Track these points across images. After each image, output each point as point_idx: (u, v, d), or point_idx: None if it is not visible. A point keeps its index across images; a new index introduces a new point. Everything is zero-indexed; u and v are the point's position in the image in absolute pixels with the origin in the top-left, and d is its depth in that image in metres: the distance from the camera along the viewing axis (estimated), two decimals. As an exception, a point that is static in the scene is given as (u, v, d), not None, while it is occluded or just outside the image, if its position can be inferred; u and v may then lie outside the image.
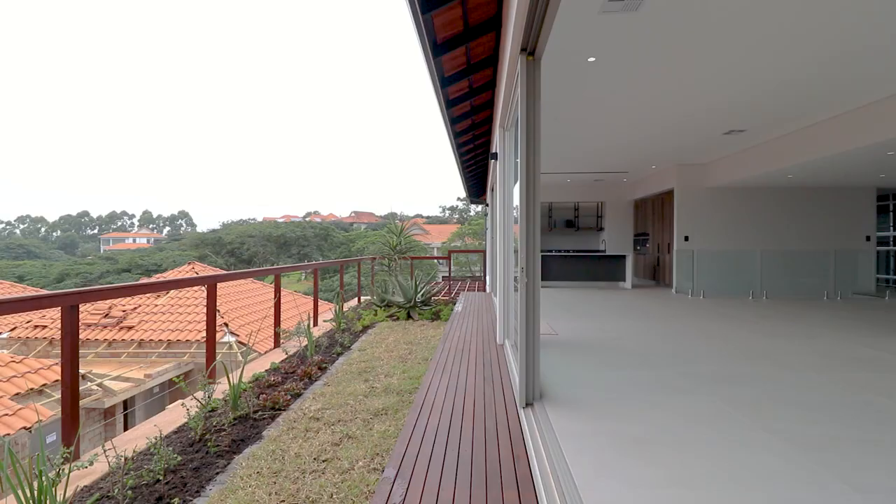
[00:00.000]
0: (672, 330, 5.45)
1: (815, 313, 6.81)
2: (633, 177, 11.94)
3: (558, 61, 4.61)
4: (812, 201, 9.95)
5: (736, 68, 4.80)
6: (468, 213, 47.77)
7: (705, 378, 3.44)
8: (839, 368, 3.73)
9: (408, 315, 7.62)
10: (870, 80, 5.11)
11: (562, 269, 11.21)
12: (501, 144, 5.06)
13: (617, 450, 2.21)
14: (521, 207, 2.80)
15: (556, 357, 4.08)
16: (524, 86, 2.86)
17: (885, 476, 1.97)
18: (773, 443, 2.31)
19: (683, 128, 7.15)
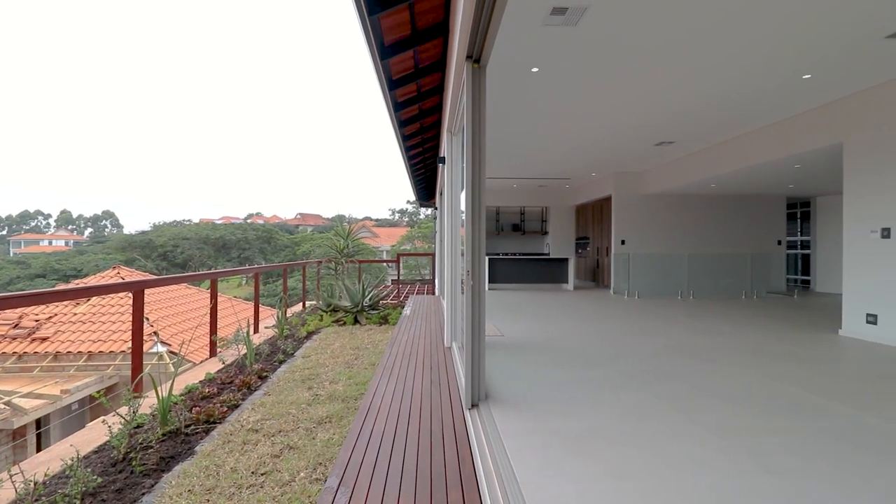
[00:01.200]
0: (610, 329, 5.74)
1: (735, 311, 7.44)
2: (574, 183, 12.47)
3: (504, 69, 4.74)
4: (732, 209, 10.88)
5: (663, 87, 5.17)
6: (418, 216, 47.71)
7: (640, 374, 3.65)
8: (757, 362, 4.09)
9: (355, 320, 7.48)
10: (776, 103, 5.68)
11: (509, 271, 11.47)
12: (449, 149, 5.11)
13: (558, 446, 2.29)
14: (468, 211, 2.84)
15: (502, 358, 4.17)
16: (470, 92, 2.91)
17: (794, 459, 2.18)
18: (700, 433, 2.49)
19: (619, 138, 7.57)
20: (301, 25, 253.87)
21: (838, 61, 4.51)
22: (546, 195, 13.91)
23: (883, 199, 5.01)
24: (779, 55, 4.39)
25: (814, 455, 2.22)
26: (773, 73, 4.85)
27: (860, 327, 5.23)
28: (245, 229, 37.85)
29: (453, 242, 4.75)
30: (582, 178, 11.71)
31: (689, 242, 10.69)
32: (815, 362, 4.08)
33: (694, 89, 5.32)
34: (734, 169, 7.61)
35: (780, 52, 4.33)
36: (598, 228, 12.36)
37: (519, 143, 8.00)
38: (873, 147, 5.14)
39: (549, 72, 4.81)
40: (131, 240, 35.94)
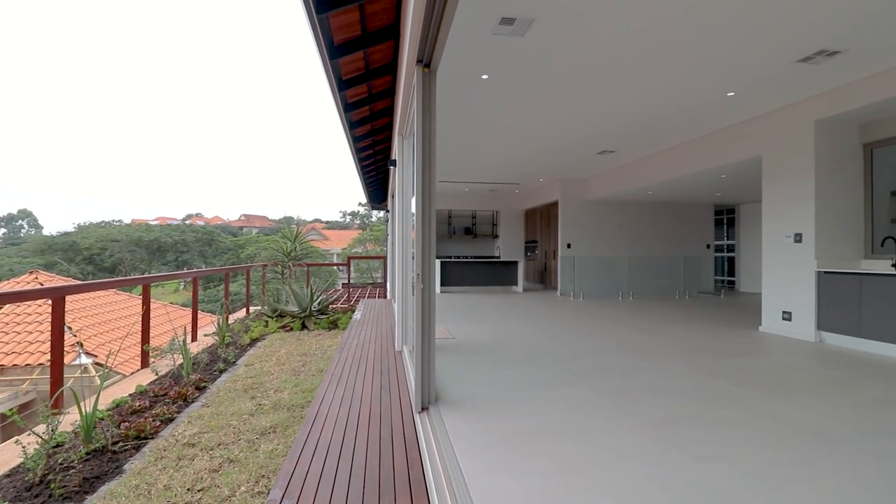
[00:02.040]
0: (557, 329, 5.94)
1: (669, 310, 7.94)
2: (524, 188, 12.82)
3: (455, 75, 4.80)
4: (667, 215, 11.63)
5: (604, 100, 5.44)
6: (370, 218, 47.04)
7: (584, 371, 3.81)
8: (688, 357, 4.39)
9: (303, 325, 7.26)
10: (705, 117, 6.15)
11: (461, 274, 11.58)
12: (400, 152, 5.10)
13: (506, 444, 2.34)
14: (418, 214, 2.85)
15: (453, 360, 4.20)
16: (420, 96, 2.93)
17: (719, 447, 2.36)
18: (637, 425, 2.63)
19: (565, 146, 7.88)
20: (249, 22, 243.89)
21: (758, 81, 4.95)
22: (497, 199, 14.20)
23: (795, 207, 5.55)
24: (707, 74, 4.76)
25: (735, 442, 2.41)
26: (702, 90, 5.24)
27: (777, 323, 5.75)
28: (183, 231, 35.63)
29: (405, 245, 4.73)
30: (531, 184, 12.06)
31: (629, 246, 11.31)
32: (738, 356, 4.44)
33: (632, 103, 5.64)
34: (669, 178, 8.14)
35: (709, 71, 4.69)
36: (546, 232, 12.77)
37: (470, 148, 8.12)
38: (786, 160, 5.69)
39: (498, 80, 4.93)
40: (52, 241, 32.76)
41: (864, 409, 2.92)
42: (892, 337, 4.48)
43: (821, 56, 4.28)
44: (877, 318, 4.62)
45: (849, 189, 5.41)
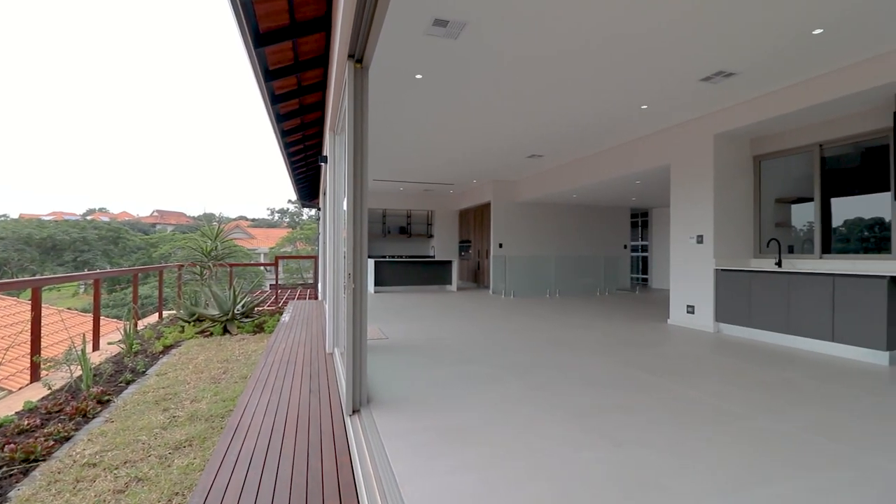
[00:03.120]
0: (488, 327, 6.10)
1: (591, 306, 8.47)
2: (458, 189, 13.01)
3: (389, 73, 4.76)
4: (590, 217, 12.39)
5: (532, 107, 5.68)
6: (300, 216, 45.15)
7: (514, 366, 3.94)
8: (607, 349, 4.70)
9: (224, 330, 6.82)
10: (623, 127, 6.63)
11: (395, 274, 11.50)
12: (332, 148, 4.95)
13: (438, 442, 2.36)
14: (349, 213, 2.79)
15: (386, 360, 4.16)
16: (352, 92, 2.86)
17: (636, 431, 2.55)
18: (561, 415, 2.77)
19: (496, 149, 8.12)
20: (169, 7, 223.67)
21: (667, 97, 5.43)
22: (432, 199, 14.28)
23: (697, 211, 6.16)
24: (624, 89, 5.13)
25: (647, 425, 2.62)
26: (620, 103, 5.65)
27: (683, 316, 6.35)
28: (84, 228, 31.85)
29: (336, 244, 4.61)
30: (465, 185, 12.27)
31: (556, 246, 11.90)
32: (649, 347, 4.84)
33: (558, 113, 5.94)
34: (591, 182, 8.68)
35: (625, 87, 5.07)
36: (479, 232, 13.06)
37: (405, 148, 8.09)
38: (690, 169, 6.29)
39: (432, 80, 4.96)
40: (-88, 239, 27.83)
41: (754, 391, 3.31)
42: (775, 326, 5.12)
43: (719, 76, 4.79)
44: (763, 310, 5.26)
45: (741, 196, 6.11)
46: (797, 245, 5.76)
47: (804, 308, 4.81)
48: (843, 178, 5.30)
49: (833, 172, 5.38)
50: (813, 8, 3.47)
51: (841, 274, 4.49)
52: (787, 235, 5.90)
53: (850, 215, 5.25)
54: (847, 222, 5.28)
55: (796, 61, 4.41)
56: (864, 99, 4.58)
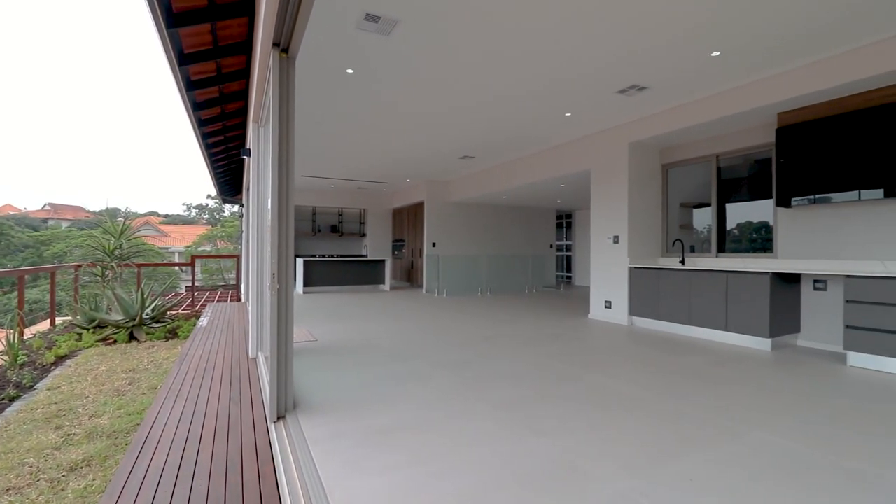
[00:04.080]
0: (421, 325, 6.12)
1: (519, 303, 8.80)
2: (391, 187, 12.90)
3: (320, 65, 4.60)
4: (519, 217, 12.86)
5: (463, 108, 5.78)
6: (222, 213, 42.19)
7: (445, 364, 3.99)
8: (533, 343, 4.91)
9: (131, 336, 6.20)
10: (549, 133, 6.96)
11: (326, 273, 11.16)
12: (256, 141, 4.69)
13: (367, 443, 2.32)
14: (274, 209, 2.65)
15: (315, 363, 4.02)
16: (277, 82, 2.73)
17: (558, 420, 2.69)
18: (488, 409, 2.85)
19: (430, 149, 8.16)
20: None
21: (589, 106, 5.78)
22: (365, 197, 14.03)
23: (614, 213, 6.63)
24: (549, 96, 5.39)
25: (568, 414, 2.78)
26: (546, 110, 5.92)
27: (602, 311, 6.80)
28: (-47, 222, 27.30)
29: (261, 242, 4.37)
30: (398, 183, 12.20)
31: (488, 245, 12.21)
32: (571, 340, 5.13)
33: (488, 116, 6.10)
34: (520, 184, 9.02)
35: (550, 95, 5.32)
36: (413, 231, 13.06)
37: (336, 144, 7.86)
38: (608, 174, 6.76)
39: (364, 76, 4.87)
40: None
41: (661, 378, 3.63)
42: (679, 318, 5.65)
43: (633, 90, 5.19)
44: (669, 304, 5.78)
45: (652, 200, 6.67)
46: (698, 245, 6.41)
47: (703, 301, 5.37)
48: (735, 186, 5.98)
49: (727, 181, 6.05)
50: (711, 33, 3.88)
51: (732, 271, 5.07)
52: (689, 236, 6.54)
53: (741, 219, 5.93)
54: (739, 225, 5.96)
55: (697, 80, 4.90)
56: (752, 116, 5.19)
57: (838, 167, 4.47)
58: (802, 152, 4.75)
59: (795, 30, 3.81)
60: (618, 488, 1.93)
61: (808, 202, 4.72)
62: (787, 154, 4.88)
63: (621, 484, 1.96)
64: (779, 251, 5.26)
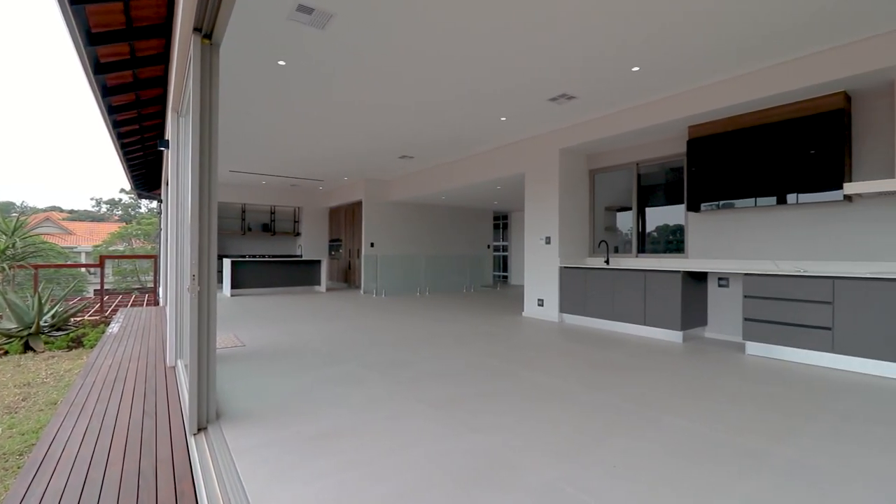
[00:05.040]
0: (358, 327, 6.01)
1: (457, 302, 8.92)
2: (328, 185, 12.54)
3: (250, 54, 4.36)
4: (458, 218, 13.03)
5: (400, 107, 5.75)
6: (137, 209, 38.65)
7: (381, 365, 3.94)
8: (470, 341, 5.00)
9: (26, 347, 5.51)
10: (485, 136, 7.13)
11: (257, 275, 10.61)
12: (175, 131, 4.36)
13: (298, 451, 2.24)
14: (194, 205, 2.48)
15: (243, 369, 3.81)
16: (198, 71, 2.55)
17: (491, 416, 2.76)
18: (423, 409, 2.86)
19: (367, 147, 8.03)
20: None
21: (522, 112, 5.99)
22: (300, 195, 13.52)
23: (546, 215, 6.92)
24: (485, 101, 5.51)
25: (502, 410, 2.86)
26: (482, 114, 6.05)
27: (535, 309, 7.07)
28: None
29: (181, 241, 4.06)
30: (335, 182, 11.88)
31: (426, 245, 12.25)
32: (506, 338, 5.29)
33: (425, 118, 6.12)
34: (458, 185, 9.14)
35: (485, 99, 5.44)
36: (350, 231, 12.79)
37: (269, 139, 7.50)
38: (541, 178, 7.05)
39: (297, 70, 4.69)
40: None
41: (587, 371, 3.85)
42: (604, 314, 6.02)
43: (563, 98, 5.46)
44: (595, 301, 6.14)
45: (580, 203, 7.05)
46: (621, 246, 6.86)
47: (625, 298, 5.76)
48: (653, 191, 6.47)
49: (646, 187, 6.54)
50: (632, 50, 4.17)
51: (650, 270, 5.49)
52: (613, 238, 6.99)
53: (659, 222, 6.43)
54: (658, 228, 6.46)
55: (620, 92, 5.25)
56: (667, 128, 5.65)
57: (739, 177, 4.99)
58: (710, 162, 5.25)
59: (703, 52, 4.20)
60: (546, 478, 2.01)
61: (715, 207, 5.23)
62: (696, 164, 5.37)
63: (549, 473, 2.05)
64: (689, 252, 5.78)
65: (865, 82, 4.14)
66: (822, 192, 4.37)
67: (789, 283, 4.27)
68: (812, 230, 4.70)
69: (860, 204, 4.38)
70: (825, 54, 4.14)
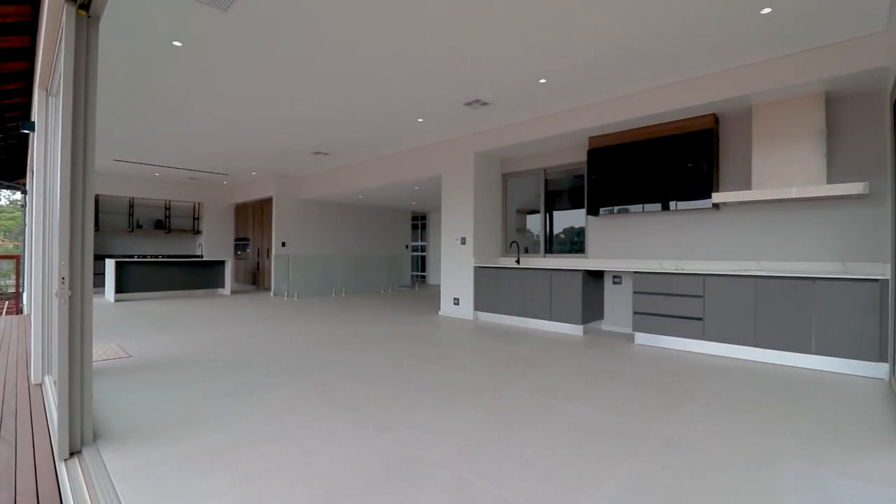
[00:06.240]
0: (266, 331, 5.67)
1: (375, 303, 8.81)
2: (233, 180, 11.69)
3: (140, 31, 3.91)
4: (376, 218, 12.87)
5: (313, 106, 5.56)
6: (-7, 201, 32.71)
7: (291, 370, 3.77)
8: (386, 342, 4.96)
9: None
10: (403, 137, 7.13)
11: (149, 277, 9.56)
12: (44, 112, 3.78)
13: (195, 467, 2.06)
14: (65, 198, 2.17)
15: (129, 383, 3.41)
16: (72, 46, 2.24)
17: (405, 415, 2.76)
18: (336, 411, 2.79)
19: (278, 141, 7.62)
20: None
21: (438, 114, 6.08)
22: (200, 190, 12.43)
23: (462, 216, 7.11)
24: (402, 101, 5.51)
25: (415, 409, 2.88)
26: (400, 114, 6.04)
27: (451, 308, 7.22)
28: None
29: (49, 239, 3.53)
30: (242, 176, 11.10)
31: (343, 245, 11.92)
32: (421, 337, 5.34)
33: (339, 115, 5.96)
34: (376, 185, 9.03)
35: (403, 100, 5.44)
36: (259, 229, 12.03)
37: (162, 126, 6.79)
38: (457, 180, 7.22)
39: (196, 52, 4.31)
40: None
41: (498, 366, 4.02)
42: (515, 311, 6.33)
43: (477, 104, 5.64)
44: (507, 299, 6.43)
45: (494, 205, 7.34)
46: (531, 247, 7.27)
47: (533, 296, 6.11)
48: (559, 196, 6.94)
49: (553, 192, 6.99)
50: (539, 62, 4.43)
51: (555, 269, 5.88)
52: (524, 239, 7.38)
53: (566, 224, 6.91)
54: (564, 230, 6.93)
55: (529, 102, 5.56)
56: (571, 138, 6.10)
57: (631, 185, 5.54)
58: (607, 171, 5.76)
59: (602, 70, 4.60)
60: (456, 472, 2.07)
61: (611, 212, 5.75)
62: (596, 172, 5.86)
63: (459, 467, 2.11)
64: (589, 252, 6.29)
65: (730, 106, 4.82)
66: (696, 200, 5.01)
67: (670, 280, 4.84)
68: (689, 233, 5.36)
69: (726, 211, 5.09)
70: (700, 80, 4.75)
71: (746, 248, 4.93)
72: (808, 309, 4.01)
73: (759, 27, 3.75)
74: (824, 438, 2.49)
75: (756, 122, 4.65)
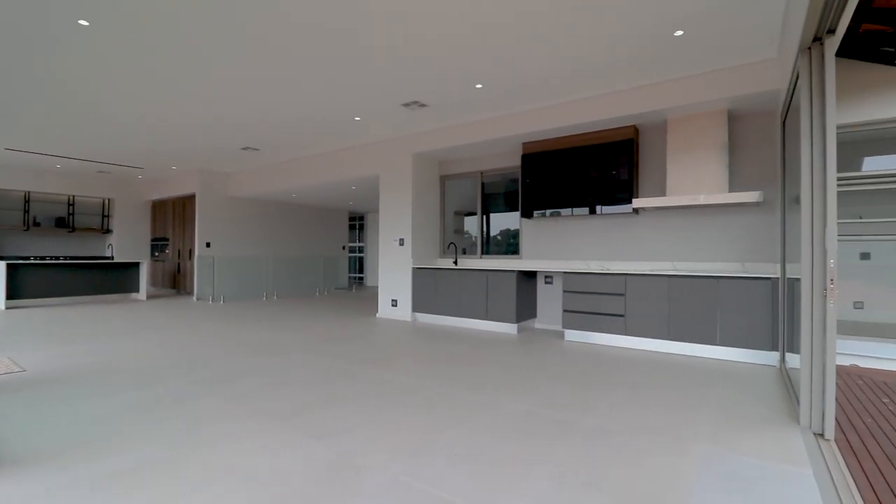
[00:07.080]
0: (187, 338, 5.28)
1: (310, 306, 8.50)
2: (150, 174, 10.76)
3: (39, 7, 3.47)
4: (310, 218, 12.43)
5: (238, 93, 5.26)
6: None
7: (212, 381, 3.53)
8: (319, 346, 4.80)
9: None
10: (338, 134, 6.95)
11: (48, 281, 8.53)
12: None
13: (93, 494, 1.86)
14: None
15: (21, 401, 3.02)
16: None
17: (338, 421, 2.69)
18: (263, 423, 2.65)
19: (201, 134, 7.12)
20: None
21: (376, 113, 6.00)
22: (110, 184, 11.30)
23: (400, 217, 7.07)
24: (339, 98, 5.37)
25: (349, 414, 2.82)
26: (336, 111, 5.87)
27: (389, 310, 7.15)
28: None
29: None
30: (160, 170, 10.24)
31: (275, 246, 11.38)
32: (357, 339, 5.24)
33: (269, 103, 5.69)
34: (310, 183, 8.73)
35: (340, 96, 5.30)
36: (181, 229, 11.16)
37: (66, 113, 6.08)
38: (395, 180, 7.17)
39: (104, 32, 3.90)
40: None
41: (434, 366, 4.03)
42: (453, 311, 6.40)
43: (415, 105, 5.64)
44: (445, 299, 6.49)
45: (432, 207, 7.37)
46: (468, 248, 7.39)
47: (470, 296, 6.21)
48: (495, 199, 7.12)
49: (489, 194, 7.16)
50: (476, 68, 4.52)
51: (491, 270, 6.03)
52: (461, 240, 7.48)
53: (502, 226, 7.10)
54: (501, 231, 7.12)
55: (466, 105, 5.65)
56: (506, 143, 6.28)
57: (563, 189, 5.81)
58: (540, 176, 6.00)
59: (535, 79, 4.79)
60: (390, 475, 2.05)
61: (544, 215, 5.99)
62: (529, 176, 6.08)
63: (393, 470, 2.09)
64: (523, 253, 6.51)
65: (649, 119, 5.22)
66: (619, 205, 5.36)
67: (596, 280, 5.14)
68: (614, 235, 5.72)
69: (644, 215, 5.50)
70: (622, 94, 5.09)
71: (663, 250, 5.36)
72: (713, 305, 4.44)
73: (673, 48, 4.10)
74: (727, 421, 2.76)
75: (670, 135, 5.07)
